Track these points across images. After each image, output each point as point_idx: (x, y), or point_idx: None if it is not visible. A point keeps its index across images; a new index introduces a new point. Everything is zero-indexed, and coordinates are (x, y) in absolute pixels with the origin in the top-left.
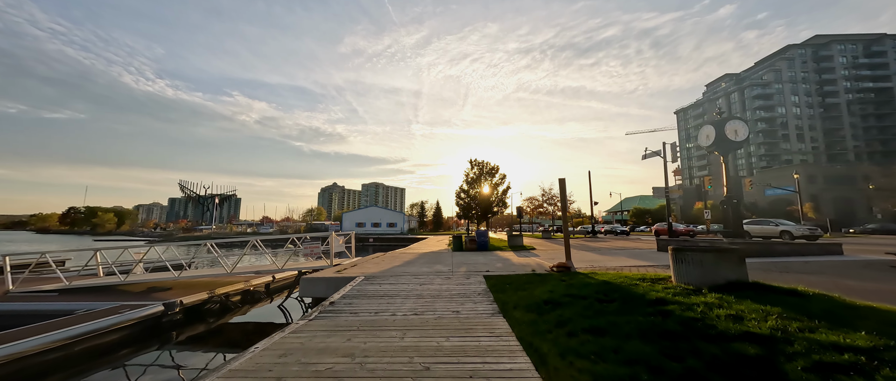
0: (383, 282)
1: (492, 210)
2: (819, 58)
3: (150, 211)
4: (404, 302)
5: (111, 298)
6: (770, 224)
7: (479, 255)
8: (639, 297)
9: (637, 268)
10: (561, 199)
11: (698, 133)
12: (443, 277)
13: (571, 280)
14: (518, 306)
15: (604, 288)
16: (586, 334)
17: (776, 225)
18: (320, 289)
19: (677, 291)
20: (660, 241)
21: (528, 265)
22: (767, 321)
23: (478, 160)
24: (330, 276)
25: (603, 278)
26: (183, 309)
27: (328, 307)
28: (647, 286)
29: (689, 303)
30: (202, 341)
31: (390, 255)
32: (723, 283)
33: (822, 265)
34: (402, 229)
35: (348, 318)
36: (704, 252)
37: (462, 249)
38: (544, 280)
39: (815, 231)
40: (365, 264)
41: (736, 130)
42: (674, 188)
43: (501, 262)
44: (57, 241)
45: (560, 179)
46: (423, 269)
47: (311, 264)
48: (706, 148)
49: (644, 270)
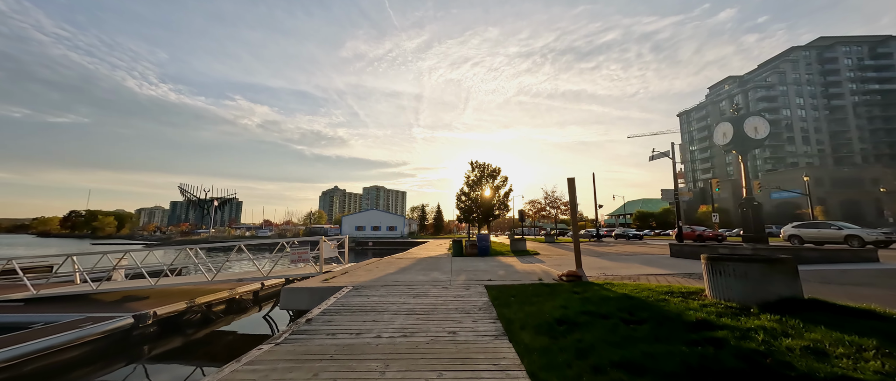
0: (372, 293)
1: (493, 213)
2: (824, 59)
3: (151, 214)
4: (393, 319)
5: (81, 309)
6: (831, 228)
7: (479, 260)
8: (674, 317)
9: (655, 277)
10: (570, 200)
11: (714, 131)
12: (440, 286)
13: (586, 292)
14: (526, 326)
15: (627, 304)
16: (618, 371)
17: (838, 228)
18: (303, 300)
19: (719, 310)
20: (674, 247)
21: (533, 273)
22: (867, 359)
23: (479, 162)
24: (314, 286)
25: (623, 291)
26: (157, 321)
27: (302, 326)
28: (680, 303)
29: (742, 328)
30: (178, 355)
31: (386, 260)
32: (774, 300)
33: (864, 275)
34: (402, 233)
35: (323, 341)
36: (749, 262)
37: (462, 254)
38: (554, 292)
39: (891, 236)
40: (356, 272)
41: (756, 127)
42: (683, 190)
43: (504, 269)
44: (56, 244)
45: (569, 179)
46: (418, 277)
47: (300, 271)
48: (722, 147)
49: (664, 279)
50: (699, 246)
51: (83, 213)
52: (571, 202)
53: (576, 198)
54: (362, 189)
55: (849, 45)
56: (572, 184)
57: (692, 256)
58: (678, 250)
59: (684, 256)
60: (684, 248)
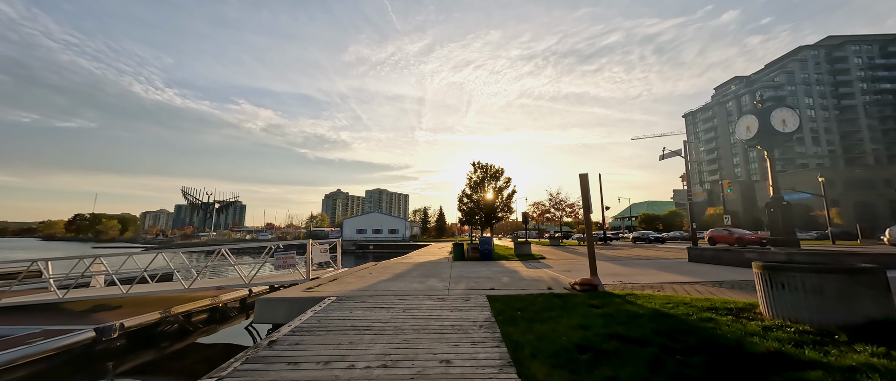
0: (357, 305)
1: (496, 216)
2: (833, 59)
3: (156, 218)
4: (374, 341)
5: (44, 320)
6: None
7: (481, 266)
8: (733, 346)
9: (681, 286)
10: (583, 199)
11: (736, 126)
12: (435, 297)
13: (606, 306)
14: (538, 354)
15: (664, 324)
16: None
17: None
18: (279, 312)
19: (791, 335)
20: (692, 251)
21: (541, 280)
22: None
23: (481, 163)
24: (294, 296)
25: (652, 306)
26: (125, 334)
27: (261, 352)
28: (733, 323)
29: (840, 366)
30: (149, 371)
31: (381, 265)
32: (863, 323)
33: None
34: (403, 236)
35: (279, 375)
36: (824, 273)
37: (464, 258)
38: (568, 305)
39: None
40: (347, 278)
41: (784, 120)
42: (697, 191)
43: (508, 275)
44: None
45: (581, 175)
46: (413, 285)
47: (285, 277)
48: (746, 142)
49: (692, 289)
50: (722, 250)
51: (87, 216)
52: (585, 201)
53: (589, 196)
54: (365, 192)
55: (859, 44)
56: (585, 181)
57: (714, 261)
58: (697, 254)
59: (705, 261)
60: (704, 252)
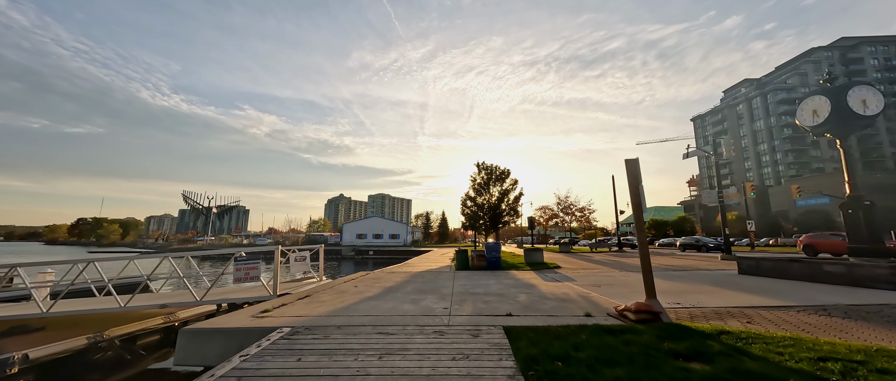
0: (314, 345)
1: (502, 220)
2: (848, 60)
3: (160, 222)
4: None
5: None
6: None
7: (490, 277)
8: None
9: (770, 312)
10: (631, 194)
11: (799, 110)
12: (431, 330)
13: (703, 357)
14: None
15: None
16: None
17: None
18: (212, 349)
19: None
20: (743, 262)
21: (570, 300)
22: None
23: (486, 164)
24: (233, 326)
25: (782, 360)
26: (30, 367)
27: None
28: None
29: None
30: None
31: (372, 276)
32: None
33: None
34: (405, 241)
35: None
36: None
37: (468, 267)
38: (635, 351)
39: None
40: (321, 295)
41: (864, 100)
42: (730, 192)
43: (524, 291)
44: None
45: (628, 161)
46: (403, 306)
47: (245, 293)
48: (811, 129)
49: (797, 318)
50: (786, 261)
51: (90, 220)
52: (633, 198)
53: (640, 188)
54: (367, 197)
55: (874, 44)
56: (634, 168)
57: (774, 274)
58: (752, 265)
59: (762, 273)
60: (762, 264)
